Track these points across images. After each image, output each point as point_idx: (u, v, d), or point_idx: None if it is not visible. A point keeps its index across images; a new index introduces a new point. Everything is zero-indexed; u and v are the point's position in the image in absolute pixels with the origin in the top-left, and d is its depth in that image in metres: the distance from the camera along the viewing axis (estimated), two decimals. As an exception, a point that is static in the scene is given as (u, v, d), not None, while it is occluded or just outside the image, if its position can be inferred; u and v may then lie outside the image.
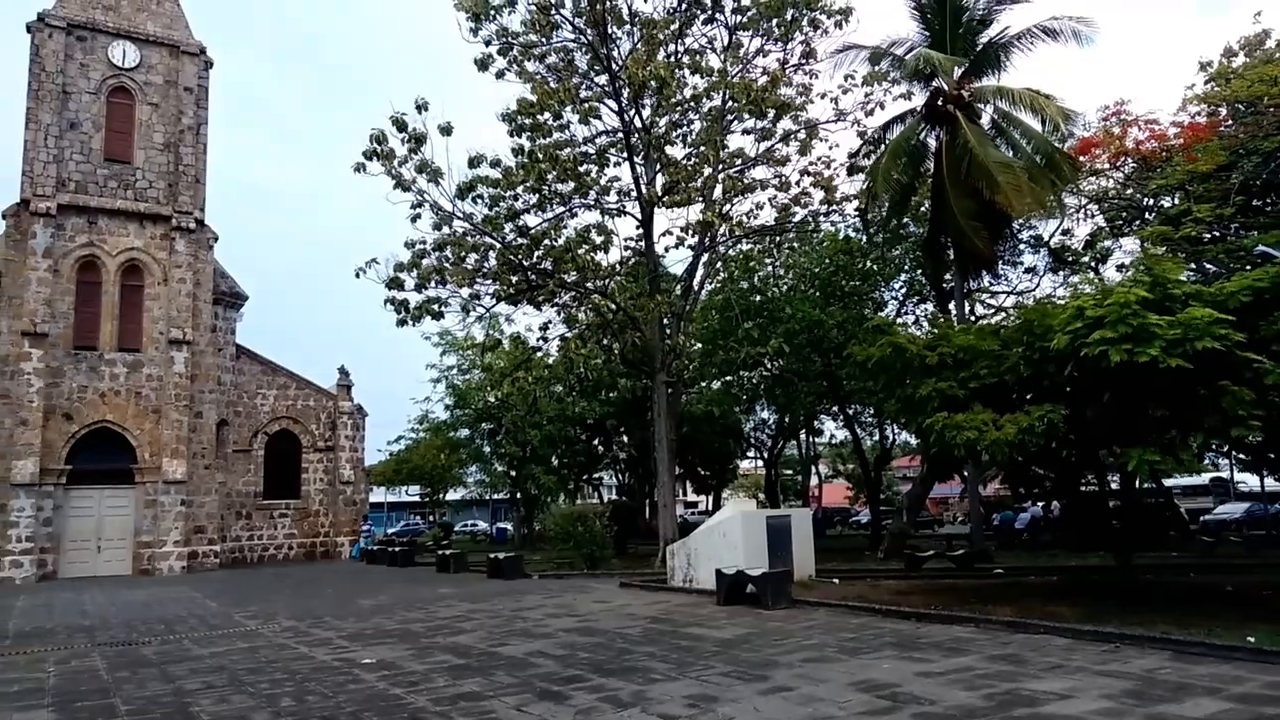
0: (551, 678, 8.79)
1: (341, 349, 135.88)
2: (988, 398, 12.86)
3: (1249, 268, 14.52)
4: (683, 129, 23.69)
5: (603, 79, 22.33)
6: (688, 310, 25.02)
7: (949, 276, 24.16)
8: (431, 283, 21.72)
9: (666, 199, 22.26)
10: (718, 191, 23.39)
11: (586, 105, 22.35)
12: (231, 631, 13.45)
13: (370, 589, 20.40)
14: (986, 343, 13.29)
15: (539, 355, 26.45)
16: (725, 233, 23.86)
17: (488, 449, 39.68)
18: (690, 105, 22.86)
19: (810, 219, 24.64)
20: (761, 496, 41.85)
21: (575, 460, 38.14)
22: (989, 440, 11.88)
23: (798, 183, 23.53)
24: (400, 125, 20.15)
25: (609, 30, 21.09)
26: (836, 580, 17.06)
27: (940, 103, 22.46)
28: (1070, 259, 28.09)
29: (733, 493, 48.90)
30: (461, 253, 21.88)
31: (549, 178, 21.67)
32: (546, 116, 21.87)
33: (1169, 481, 28.22)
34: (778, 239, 27.10)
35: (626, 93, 21.25)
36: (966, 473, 22.53)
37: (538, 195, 22.15)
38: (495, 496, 49.31)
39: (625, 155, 22.58)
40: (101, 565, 27.57)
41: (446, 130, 20.21)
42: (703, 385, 33.43)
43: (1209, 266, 20.57)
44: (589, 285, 23.26)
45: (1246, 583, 15.22)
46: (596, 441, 38.42)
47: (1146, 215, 25.40)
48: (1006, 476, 17.47)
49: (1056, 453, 13.60)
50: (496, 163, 21.61)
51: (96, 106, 29.18)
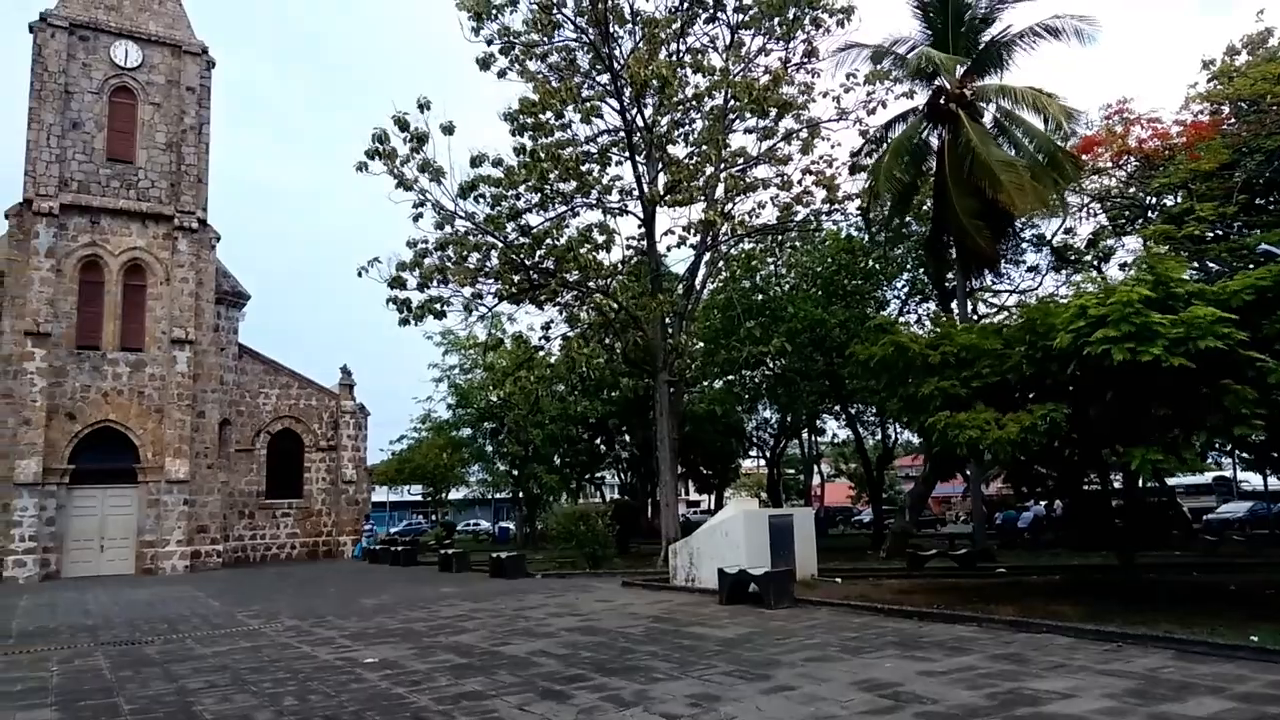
0: (554, 677, 8.80)
1: (343, 348, 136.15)
2: (990, 397, 12.86)
3: (1252, 266, 14.50)
4: (685, 128, 23.69)
5: (604, 78, 22.33)
6: (690, 309, 25.03)
7: (951, 275, 24.13)
8: (434, 282, 21.76)
9: (668, 198, 22.26)
10: (720, 190, 23.41)
11: (588, 104, 22.37)
12: (234, 631, 13.47)
13: (372, 588, 20.43)
14: (989, 342, 13.28)
15: (541, 354, 26.48)
16: (727, 232, 23.85)
17: (490, 448, 39.71)
18: (692, 104, 22.86)
19: (812, 218, 24.65)
20: (764, 496, 41.80)
21: (577, 459, 38.14)
22: (991, 439, 11.88)
23: (800, 182, 23.58)
24: (402, 125, 20.16)
25: (611, 29, 21.09)
26: (839, 579, 17.06)
27: (942, 101, 22.44)
28: (1073, 258, 28.03)
29: (735, 492, 48.90)
30: (463, 252, 21.90)
31: (551, 177, 21.67)
32: (548, 116, 21.89)
33: (1172, 480, 28.06)
34: (780, 238, 27.07)
35: (628, 92, 21.27)
36: (969, 472, 22.52)
37: (540, 194, 22.17)
38: (497, 496, 49.32)
39: (627, 154, 22.60)
40: (104, 565, 27.63)
41: (448, 129, 20.23)
42: (705, 384, 33.45)
43: (1212, 265, 20.53)
44: (591, 284, 23.26)
45: (1249, 582, 15.20)
46: (599, 441, 38.42)
47: (1149, 214, 25.36)
48: (1009, 475, 17.45)
49: (1059, 452, 13.58)
50: (498, 162, 21.65)
51: (99, 106, 29.22)
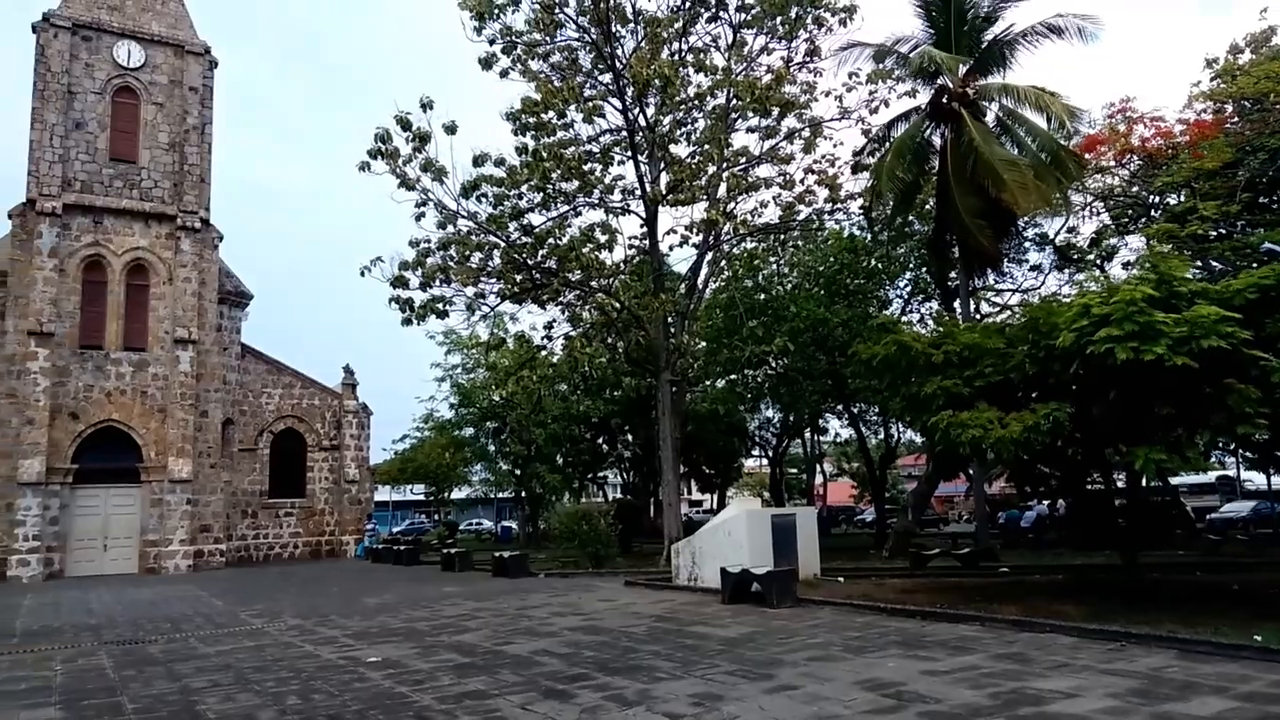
0: (556, 676, 8.80)
1: (344, 348, 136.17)
2: (993, 396, 12.84)
3: (1255, 265, 14.48)
4: (687, 127, 23.69)
5: (607, 77, 22.32)
6: (692, 309, 25.03)
7: (954, 274, 24.10)
8: (436, 281, 21.79)
9: (671, 197, 22.26)
10: (722, 190, 23.42)
11: (591, 104, 22.38)
12: (237, 630, 13.48)
13: (375, 588, 20.44)
14: (992, 341, 13.27)
15: (543, 354, 26.50)
16: (729, 231, 23.85)
17: (492, 448, 39.73)
18: (694, 103, 22.86)
19: (815, 217, 24.64)
20: (766, 495, 41.83)
21: (580, 459, 38.15)
22: (994, 438, 11.86)
23: (802, 181, 23.58)
24: (405, 124, 20.18)
25: (613, 28, 21.08)
26: (841, 579, 17.05)
27: (945, 100, 22.41)
28: (1076, 257, 27.99)
29: (737, 491, 48.95)
30: (466, 251, 21.91)
31: (553, 176, 21.68)
32: (551, 115, 21.89)
33: (1175, 480, 28.11)
34: (782, 237, 27.05)
35: (631, 91, 21.26)
36: (971, 471, 22.46)
37: (542, 194, 22.19)
38: (500, 495, 49.41)
39: (629, 154, 22.61)
40: (108, 564, 27.68)
41: (451, 129, 20.25)
42: (707, 384, 33.43)
43: (1215, 264, 20.48)
44: (593, 284, 23.27)
45: (1253, 581, 15.17)
46: (601, 440, 38.44)
47: (1152, 213, 25.32)
48: (1012, 475, 17.42)
49: (1062, 451, 13.55)
50: (501, 161, 21.66)
51: (102, 106, 29.26)
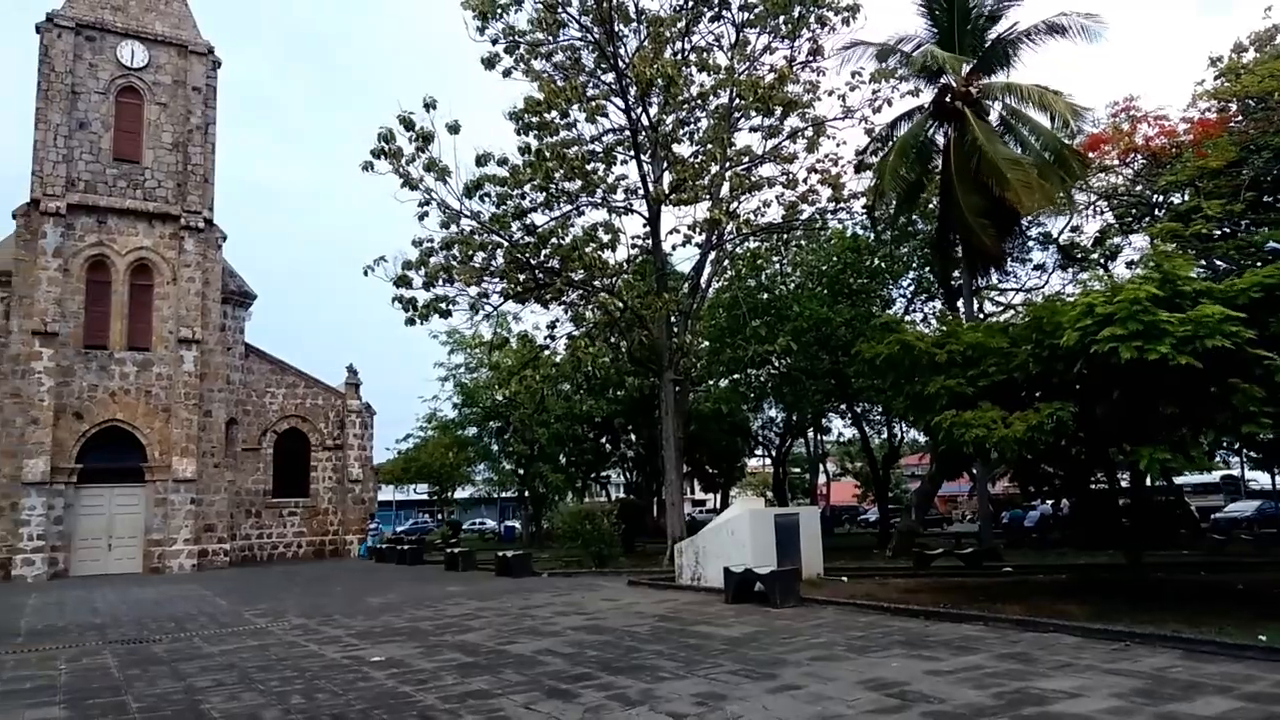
0: (560, 676, 8.80)
1: (346, 348, 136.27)
2: (996, 395, 12.82)
3: (1259, 264, 14.44)
4: (690, 127, 23.69)
5: (610, 77, 22.34)
6: (695, 308, 25.03)
7: (957, 274, 24.06)
8: (439, 281, 21.82)
9: (674, 197, 22.25)
10: (725, 189, 23.42)
11: (593, 103, 22.39)
12: (241, 629, 13.51)
13: (379, 587, 20.46)
14: (995, 340, 13.25)
15: (546, 353, 26.51)
16: (732, 230, 23.85)
17: (496, 447, 39.73)
18: (697, 103, 22.87)
19: (818, 216, 24.64)
20: (769, 494, 41.74)
21: (583, 458, 38.18)
22: (998, 438, 11.84)
23: (805, 180, 23.58)
24: (408, 124, 20.20)
25: (616, 28, 21.09)
26: (845, 578, 17.03)
27: (948, 99, 22.36)
28: (1079, 256, 27.93)
29: (740, 491, 48.86)
30: (469, 251, 21.93)
31: (556, 176, 21.69)
32: (553, 115, 21.90)
33: (1179, 479, 28.07)
34: (785, 237, 27.05)
35: (633, 91, 21.27)
36: (975, 471, 22.44)
37: (545, 193, 22.21)
38: (503, 495, 49.36)
39: (632, 153, 22.63)
40: (112, 563, 27.73)
41: (454, 128, 20.25)
42: (710, 383, 33.45)
43: (1219, 263, 20.42)
44: (596, 283, 23.27)
45: (1257, 581, 15.14)
46: (604, 440, 38.47)
47: (1156, 212, 25.25)
48: (1015, 474, 17.39)
49: (1066, 450, 13.53)
50: (504, 161, 21.68)
51: (105, 106, 29.32)
